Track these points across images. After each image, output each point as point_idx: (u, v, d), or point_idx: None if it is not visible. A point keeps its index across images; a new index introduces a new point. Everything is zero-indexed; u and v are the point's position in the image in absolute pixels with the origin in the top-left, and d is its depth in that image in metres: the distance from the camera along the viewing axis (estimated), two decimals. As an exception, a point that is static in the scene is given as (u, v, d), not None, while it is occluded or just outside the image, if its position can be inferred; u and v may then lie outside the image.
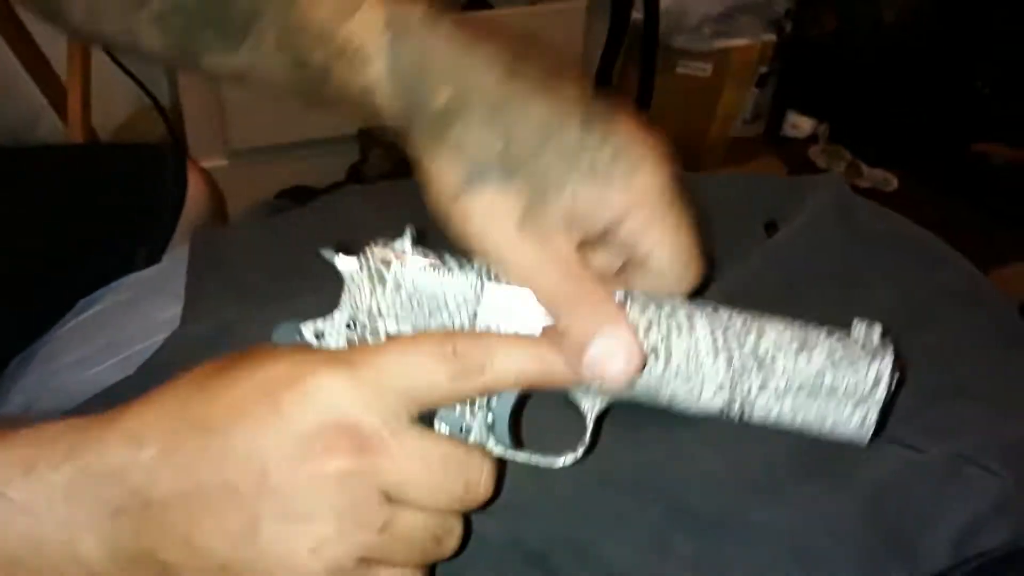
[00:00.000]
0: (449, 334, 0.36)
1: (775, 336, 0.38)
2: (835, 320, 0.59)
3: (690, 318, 0.38)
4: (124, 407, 0.35)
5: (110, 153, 0.84)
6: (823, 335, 0.39)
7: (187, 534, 0.33)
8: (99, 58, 1.41)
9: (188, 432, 0.34)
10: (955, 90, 1.86)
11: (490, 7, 1.66)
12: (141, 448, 0.34)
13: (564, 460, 0.41)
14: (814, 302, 0.59)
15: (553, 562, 0.47)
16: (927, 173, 1.91)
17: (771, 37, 1.86)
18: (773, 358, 0.38)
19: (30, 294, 0.69)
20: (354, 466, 0.33)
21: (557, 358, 0.37)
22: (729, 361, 0.38)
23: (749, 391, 0.38)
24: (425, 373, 0.35)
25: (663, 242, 0.39)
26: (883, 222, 0.64)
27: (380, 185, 1.34)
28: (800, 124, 2.02)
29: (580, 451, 0.41)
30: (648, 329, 0.38)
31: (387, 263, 0.39)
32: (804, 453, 0.50)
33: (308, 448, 0.33)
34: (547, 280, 0.37)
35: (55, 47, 1.32)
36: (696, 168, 1.96)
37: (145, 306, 0.68)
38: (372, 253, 0.40)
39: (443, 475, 0.35)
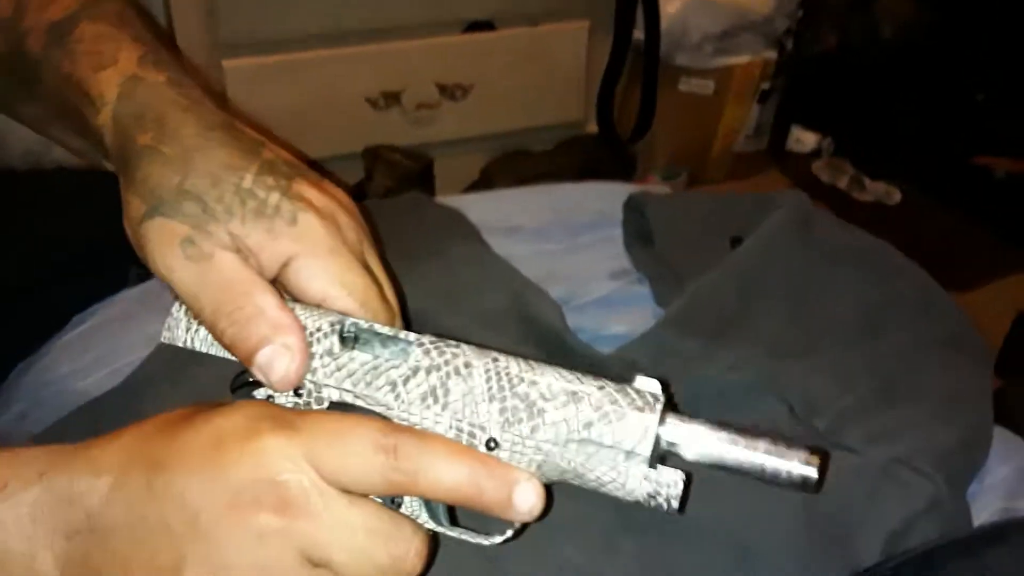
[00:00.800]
0: (396, 428, 0.37)
1: (546, 386, 0.38)
2: (791, 330, 0.61)
3: (468, 365, 0.38)
4: (95, 439, 0.38)
5: (107, 177, 0.87)
6: (596, 388, 0.38)
7: (125, 563, 0.35)
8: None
9: (140, 468, 0.36)
10: (956, 103, 1.87)
11: (493, 28, 1.70)
12: (99, 477, 0.36)
13: (495, 540, 0.41)
14: (771, 312, 0.62)
15: (508, 561, 0.49)
16: (929, 186, 1.91)
17: (772, 54, 1.87)
18: (542, 409, 0.38)
19: (29, 309, 0.72)
20: (277, 524, 0.34)
21: (492, 487, 0.38)
22: (502, 409, 0.38)
23: (520, 438, 0.38)
24: (359, 460, 0.36)
25: (329, 290, 0.41)
26: (841, 235, 0.66)
27: (362, 204, 1.37)
28: (804, 139, 2.04)
29: (510, 532, 0.41)
30: (429, 372, 0.38)
31: None
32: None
33: (237, 500, 0.34)
34: (205, 297, 0.39)
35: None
36: (700, 183, 1.98)
37: (135, 321, 0.71)
38: None
39: (368, 545, 0.35)
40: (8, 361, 0.71)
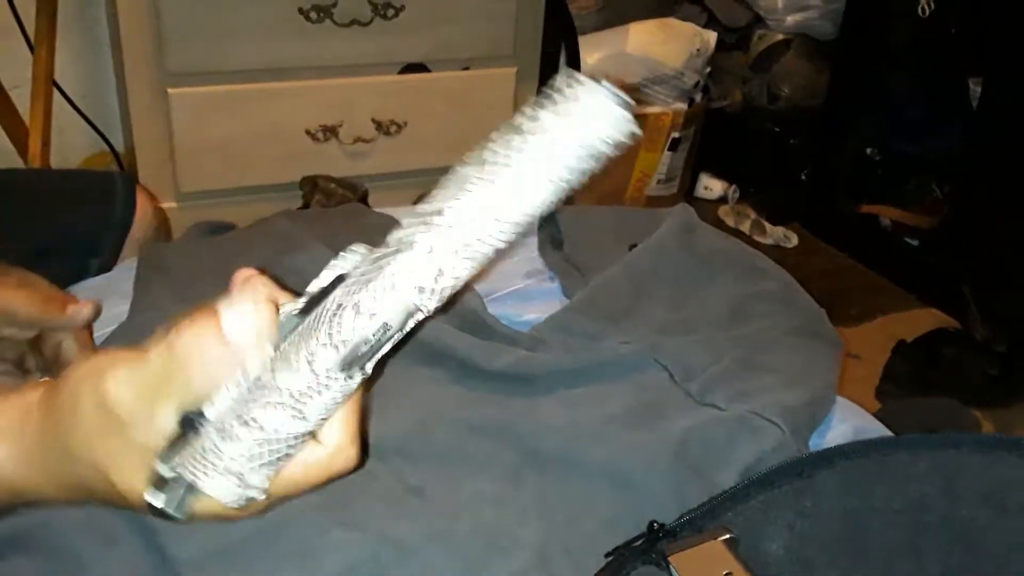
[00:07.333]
0: None
1: None
2: (673, 316, 0.72)
3: None
4: None
5: (70, 176, 0.94)
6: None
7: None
8: (59, 104, 1.52)
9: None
10: (848, 157, 2.05)
11: (428, 71, 1.81)
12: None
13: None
14: (657, 302, 0.73)
15: (429, 493, 0.58)
16: (823, 231, 2.09)
17: (682, 106, 2.04)
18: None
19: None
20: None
21: None
22: None
23: None
24: None
25: None
26: (717, 241, 0.78)
27: (306, 211, 1.46)
28: (712, 186, 2.20)
29: None
30: None
31: None
32: (634, 412, 0.63)
33: None
34: None
35: (20, 92, 1.43)
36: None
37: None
38: None
39: None
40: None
